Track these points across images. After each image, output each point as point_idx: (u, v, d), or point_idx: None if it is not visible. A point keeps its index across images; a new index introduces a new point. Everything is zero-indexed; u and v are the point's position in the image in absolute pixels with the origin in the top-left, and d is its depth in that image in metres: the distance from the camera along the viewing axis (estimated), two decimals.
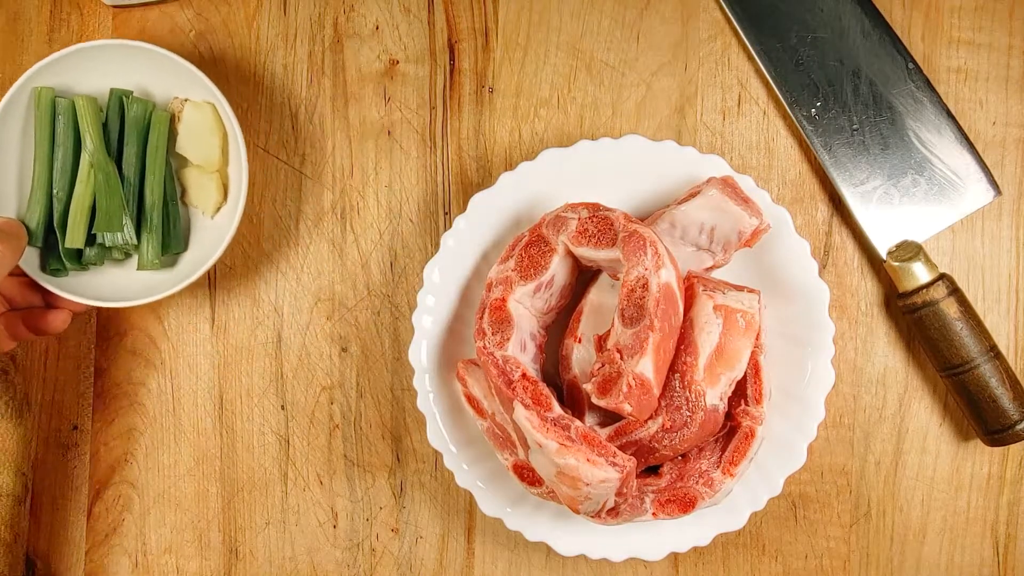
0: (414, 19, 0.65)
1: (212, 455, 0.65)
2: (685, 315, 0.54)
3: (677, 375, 0.54)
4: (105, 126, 0.60)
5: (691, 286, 0.55)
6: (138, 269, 0.60)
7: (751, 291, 0.55)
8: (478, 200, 0.59)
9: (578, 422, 0.53)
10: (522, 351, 0.56)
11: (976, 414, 0.60)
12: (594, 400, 0.53)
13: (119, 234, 0.59)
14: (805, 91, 0.63)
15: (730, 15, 0.63)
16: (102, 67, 0.60)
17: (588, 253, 0.55)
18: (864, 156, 0.62)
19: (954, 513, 0.63)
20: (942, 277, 0.60)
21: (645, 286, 0.52)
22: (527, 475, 0.56)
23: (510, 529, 0.59)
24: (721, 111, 0.64)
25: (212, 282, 0.65)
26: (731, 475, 0.55)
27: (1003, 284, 0.63)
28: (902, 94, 0.62)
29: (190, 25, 0.65)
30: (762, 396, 0.56)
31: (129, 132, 0.60)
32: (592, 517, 0.54)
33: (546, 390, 0.54)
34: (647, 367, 0.51)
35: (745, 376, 0.55)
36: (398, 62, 0.65)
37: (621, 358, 0.52)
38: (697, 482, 0.55)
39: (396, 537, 0.64)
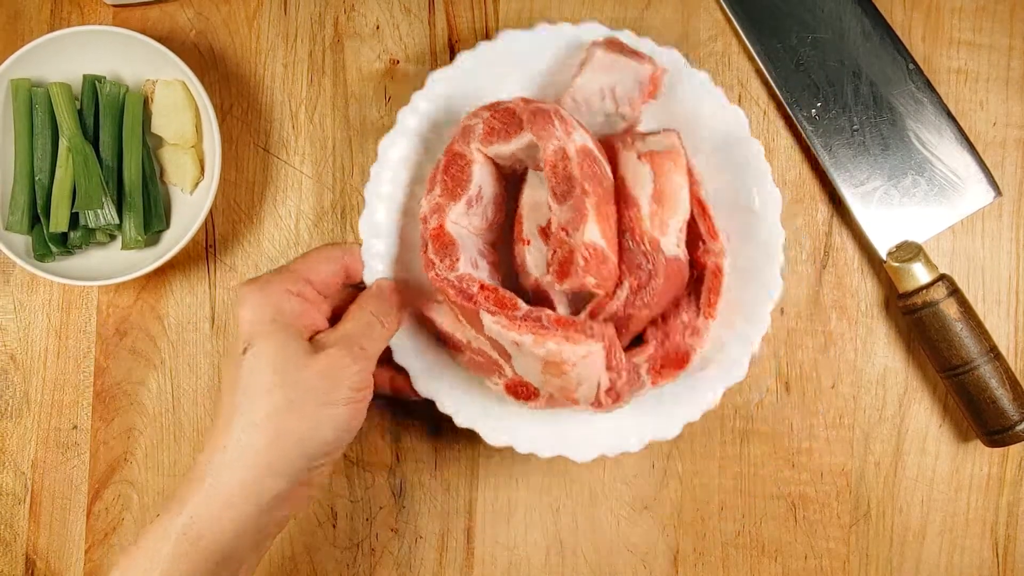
0: (414, 19, 0.65)
1: None
2: (614, 175, 0.54)
3: (627, 234, 0.53)
4: (80, 112, 0.61)
5: (610, 147, 0.55)
6: (122, 248, 0.62)
7: (667, 130, 0.55)
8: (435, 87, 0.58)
9: (548, 311, 0.52)
10: (475, 270, 0.55)
11: (976, 415, 0.60)
12: (558, 288, 0.52)
13: (101, 213, 0.60)
14: (806, 92, 0.63)
15: (730, 15, 0.63)
16: (74, 55, 0.61)
17: (502, 149, 0.54)
18: (864, 157, 0.62)
19: (954, 514, 0.63)
20: (942, 278, 0.60)
21: (564, 155, 0.52)
22: (521, 391, 0.55)
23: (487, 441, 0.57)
24: None
25: (212, 281, 0.65)
26: (711, 316, 0.54)
27: (1003, 285, 0.63)
28: (902, 95, 0.62)
29: (191, 24, 0.65)
30: (716, 231, 0.55)
31: (104, 116, 0.61)
32: (594, 407, 0.53)
33: (509, 293, 0.53)
34: (594, 233, 0.51)
35: (693, 217, 0.55)
36: (399, 62, 0.65)
37: (568, 235, 0.52)
38: (683, 336, 0.55)
39: (396, 537, 0.64)
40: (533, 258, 0.56)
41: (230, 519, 0.47)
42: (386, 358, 0.57)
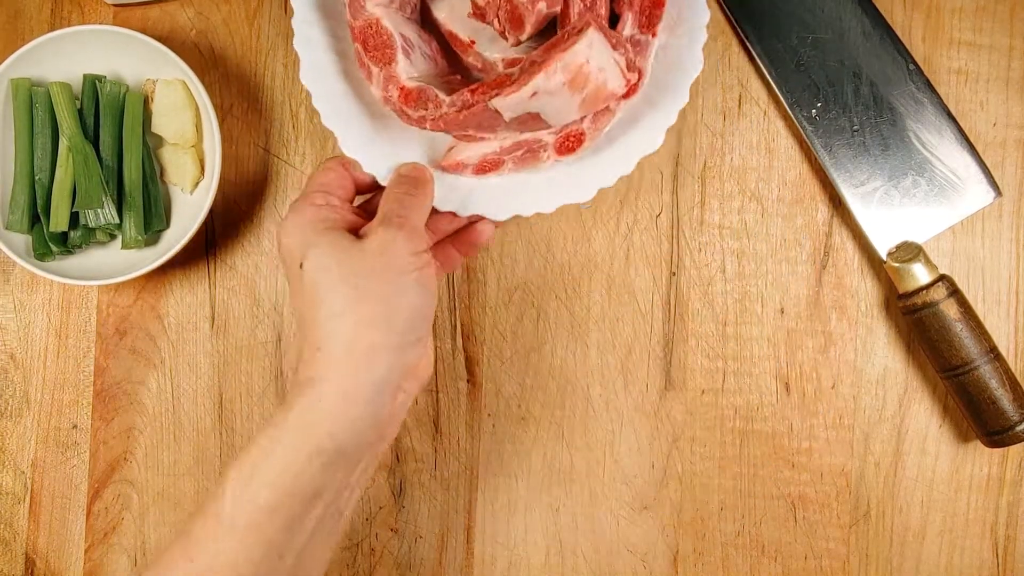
0: None
1: (212, 454, 0.65)
2: None
3: None
4: (81, 111, 0.61)
5: None
6: (122, 248, 0.62)
7: None
8: None
9: (532, 54, 0.53)
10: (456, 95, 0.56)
11: (976, 415, 0.60)
12: (523, 40, 0.53)
13: (101, 212, 0.60)
14: (806, 92, 0.63)
15: (730, 15, 0.63)
16: (74, 54, 0.61)
17: None
18: (864, 157, 0.62)
19: (953, 514, 0.63)
20: (942, 278, 0.60)
21: None
22: (571, 141, 0.56)
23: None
24: (722, 111, 0.64)
25: (212, 281, 0.65)
26: None
27: (1003, 285, 0.63)
28: (903, 95, 0.62)
29: (191, 24, 0.65)
30: None
31: (104, 115, 0.61)
32: (628, 93, 0.54)
33: (494, 76, 0.53)
34: None
35: None
36: None
37: None
38: None
39: (395, 537, 0.64)
40: (488, 48, 0.57)
41: (340, 414, 0.47)
42: (441, 238, 0.58)
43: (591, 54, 0.50)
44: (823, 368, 0.63)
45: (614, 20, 0.57)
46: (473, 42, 0.57)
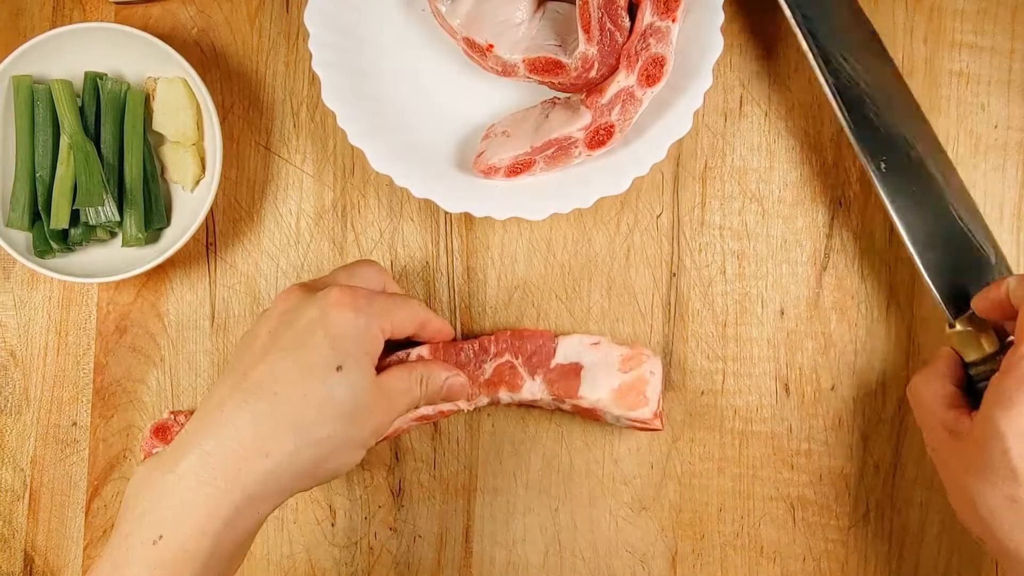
0: None
1: None
2: None
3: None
4: (82, 109, 0.61)
5: None
6: (123, 245, 0.62)
7: None
8: None
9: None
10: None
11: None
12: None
13: (102, 210, 0.60)
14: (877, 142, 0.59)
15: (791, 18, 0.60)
16: (76, 52, 0.61)
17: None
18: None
19: (952, 516, 0.63)
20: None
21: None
22: (602, 135, 0.57)
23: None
24: (723, 112, 0.64)
25: (212, 279, 0.65)
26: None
27: None
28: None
29: (192, 22, 0.65)
30: None
31: (105, 113, 0.61)
32: (658, 80, 0.57)
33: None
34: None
35: None
36: None
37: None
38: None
39: (394, 536, 0.64)
40: (508, 51, 0.58)
41: (244, 529, 0.50)
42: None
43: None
44: (823, 370, 0.63)
45: (632, 9, 0.57)
46: (492, 46, 0.57)
